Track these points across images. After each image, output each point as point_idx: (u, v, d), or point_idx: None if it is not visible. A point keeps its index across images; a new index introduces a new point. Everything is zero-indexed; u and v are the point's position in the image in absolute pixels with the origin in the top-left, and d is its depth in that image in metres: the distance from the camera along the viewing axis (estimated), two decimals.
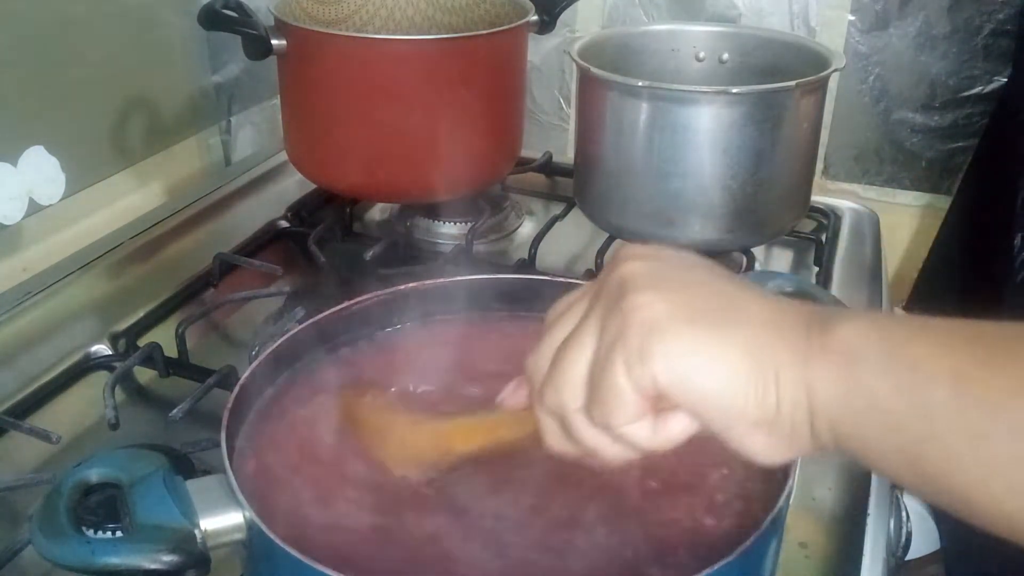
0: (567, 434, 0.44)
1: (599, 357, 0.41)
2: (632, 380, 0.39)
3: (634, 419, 0.40)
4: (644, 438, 0.41)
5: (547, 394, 0.43)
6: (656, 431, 0.41)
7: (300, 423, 0.60)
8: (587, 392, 0.41)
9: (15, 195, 0.86)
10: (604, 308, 0.42)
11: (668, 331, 0.39)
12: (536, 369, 0.45)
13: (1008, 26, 1.19)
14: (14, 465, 0.70)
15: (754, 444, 0.40)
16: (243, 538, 0.48)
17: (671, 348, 0.39)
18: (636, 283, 0.41)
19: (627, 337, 0.39)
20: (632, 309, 0.40)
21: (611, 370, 0.40)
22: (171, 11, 1.10)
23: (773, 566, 0.52)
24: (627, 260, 0.43)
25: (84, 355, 0.83)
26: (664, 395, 0.39)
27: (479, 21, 1.08)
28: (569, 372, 0.42)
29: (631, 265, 0.42)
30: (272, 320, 0.87)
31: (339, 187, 1.03)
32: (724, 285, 0.42)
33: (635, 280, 0.41)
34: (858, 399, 0.37)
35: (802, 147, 0.89)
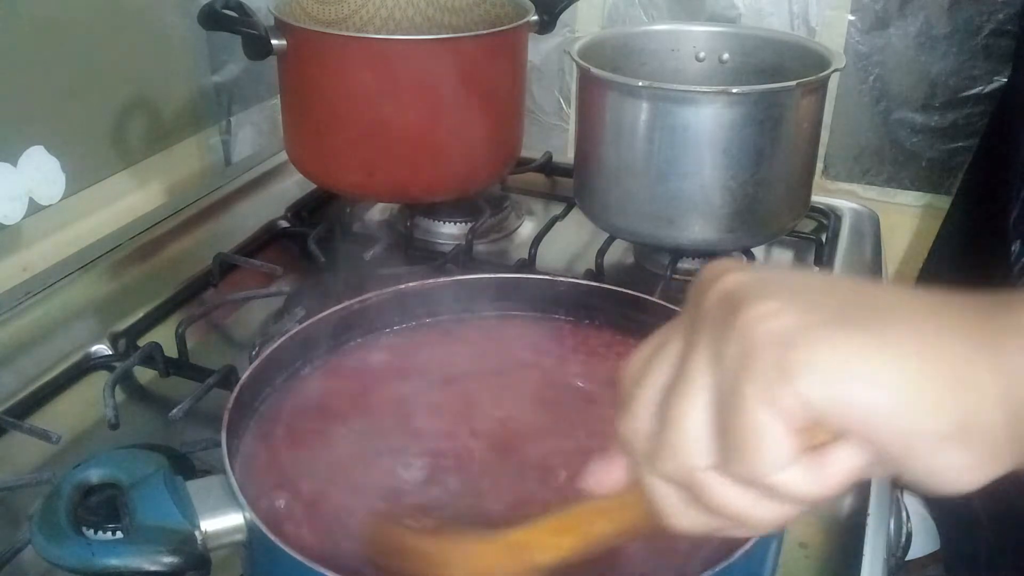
0: (697, 503, 0.35)
1: (723, 394, 0.32)
2: (775, 410, 0.31)
3: (788, 461, 0.32)
4: (806, 485, 0.32)
5: (661, 460, 0.35)
6: (820, 473, 0.32)
7: (300, 423, 0.60)
8: (716, 443, 0.33)
9: (15, 195, 0.86)
10: (710, 336, 0.33)
11: (808, 340, 0.31)
12: (635, 434, 0.36)
13: (1008, 26, 1.19)
14: (14, 465, 0.70)
15: (944, 464, 0.31)
16: (243, 539, 0.48)
17: (818, 358, 0.31)
18: (747, 293, 0.33)
19: (754, 359, 0.31)
20: (752, 323, 0.32)
21: (742, 404, 0.31)
22: (171, 11, 1.10)
23: (773, 566, 0.52)
24: (723, 275, 0.35)
25: (84, 355, 0.83)
26: (819, 420, 0.31)
27: (479, 21, 1.08)
28: (685, 425, 0.33)
29: (731, 278, 0.34)
30: (272, 320, 0.87)
31: (339, 187, 1.03)
32: (852, 283, 0.35)
33: (744, 291, 0.33)
34: None
35: (802, 147, 0.89)
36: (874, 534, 0.64)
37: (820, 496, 0.33)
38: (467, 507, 0.54)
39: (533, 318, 0.70)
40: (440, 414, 0.61)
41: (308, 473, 0.56)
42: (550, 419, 0.61)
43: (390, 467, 0.57)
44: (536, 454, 0.58)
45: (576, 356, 0.67)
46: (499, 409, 0.62)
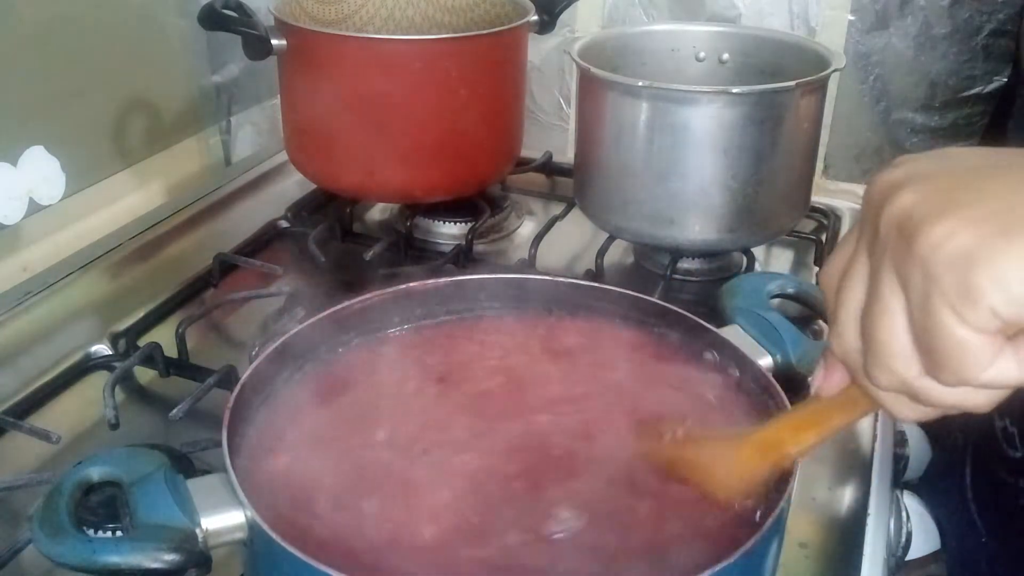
0: (920, 401, 0.38)
1: (918, 315, 0.35)
2: (970, 324, 0.34)
3: (991, 362, 0.35)
4: (1013, 375, 0.35)
5: (877, 375, 0.38)
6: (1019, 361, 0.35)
7: (301, 422, 0.60)
8: (922, 357, 0.36)
9: (15, 195, 0.86)
10: (895, 259, 0.36)
11: (986, 254, 0.33)
12: (847, 348, 0.40)
13: (1008, 26, 1.19)
14: (14, 465, 0.70)
15: None
16: (244, 537, 0.48)
17: (998, 272, 0.33)
18: (922, 214, 0.35)
19: (940, 281, 0.34)
20: (933, 247, 0.34)
21: (939, 323, 0.34)
22: (171, 11, 1.10)
23: (773, 566, 0.52)
24: (892, 194, 0.37)
25: (84, 355, 0.83)
26: (1014, 323, 0.34)
27: (479, 21, 1.08)
28: (891, 346, 0.37)
29: (902, 198, 0.36)
30: (272, 320, 0.87)
31: (339, 187, 1.03)
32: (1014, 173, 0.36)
33: (918, 212, 0.35)
34: None
35: (802, 147, 0.89)
36: (874, 534, 0.64)
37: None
38: (475, 501, 0.54)
39: (533, 318, 0.70)
40: (441, 413, 0.61)
41: (309, 472, 0.56)
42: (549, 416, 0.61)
43: (391, 466, 0.57)
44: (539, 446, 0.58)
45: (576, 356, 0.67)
46: (499, 407, 0.62)
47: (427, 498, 0.54)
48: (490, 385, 0.64)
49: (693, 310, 0.66)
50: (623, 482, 0.56)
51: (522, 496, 0.54)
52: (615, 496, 0.54)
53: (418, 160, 0.97)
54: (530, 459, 0.57)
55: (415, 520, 0.52)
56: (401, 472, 0.56)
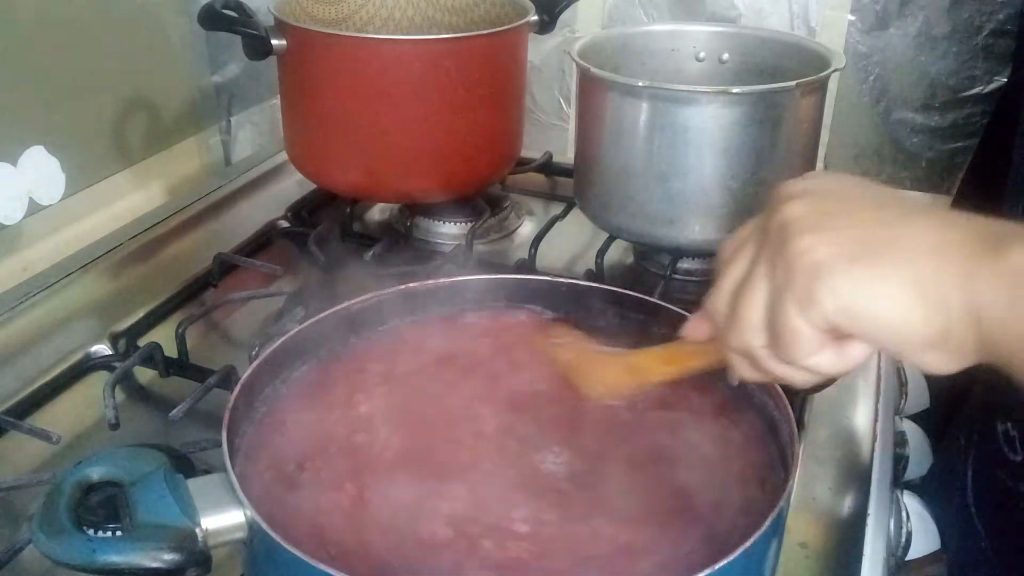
0: (756, 367, 0.47)
1: (773, 301, 0.44)
2: (806, 319, 0.42)
3: (815, 352, 0.43)
4: (828, 365, 0.44)
5: (731, 336, 0.46)
6: (839, 358, 0.44)
7: (301, 422, 0.60)
8: (767, 333, 0.44)
9: (15, 195, 0.86)
10: (770, 253, 0.44)
11: (832, 272, 0.41)
12: (717, 308, 0.48)
13: (1008, 26, 1.19)
14: (14, 465, 0.70)
15: (926, 361, 0.42)
16: (244, 537, 0.48)
17: (836, 289, 0.41)
18: (797, 226, 0.43)
19: (794, 282, 0.42)
20: (796, 255, 0.42)
21: (785, 313, 0.43)
22: (171, 11, 1.10)
23: (773, 566, 0.52)
24: (787, 201, 0.45)
25: (84, 355, 0.83)
26: (838, 328, 0.42)
27: (479, 21, 1.08)
28: (748, 316, 0.45)
29: (791, 208, 0.44)
30: (272, 320, 0.87)
31: (339, 187, 1.03)
32: (888, 213, 0.43)
33: (796, 223, 0.43)
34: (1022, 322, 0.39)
35: (802, 147, 0.89)
36: (874, 534, 0.64)
37: (840, 372, 0.45)
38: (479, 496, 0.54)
39: (533, 318, 0.70)
40: (440, 411, 0.61)
41: (309, 472, 0.56)
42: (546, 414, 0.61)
43: (391, 466, 0.57)
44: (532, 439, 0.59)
45: None
46: (498, 405, 0.62)
47: (429, 497, 0.54)
48: (490, 385, 0.64)
49: (693, 310, 0.66)
50: (624, 483, 0.56)
51: (523, 495, 0.54)
52: (615, 497, 0.55)
53: (418, 160, 0.97)
54: (530, 459, 0.57)
55: (417, 519, 0.52)
56: (402, 472, 0.56)
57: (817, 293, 0.41)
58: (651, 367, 0.56)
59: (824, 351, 0.44)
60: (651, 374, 0.56)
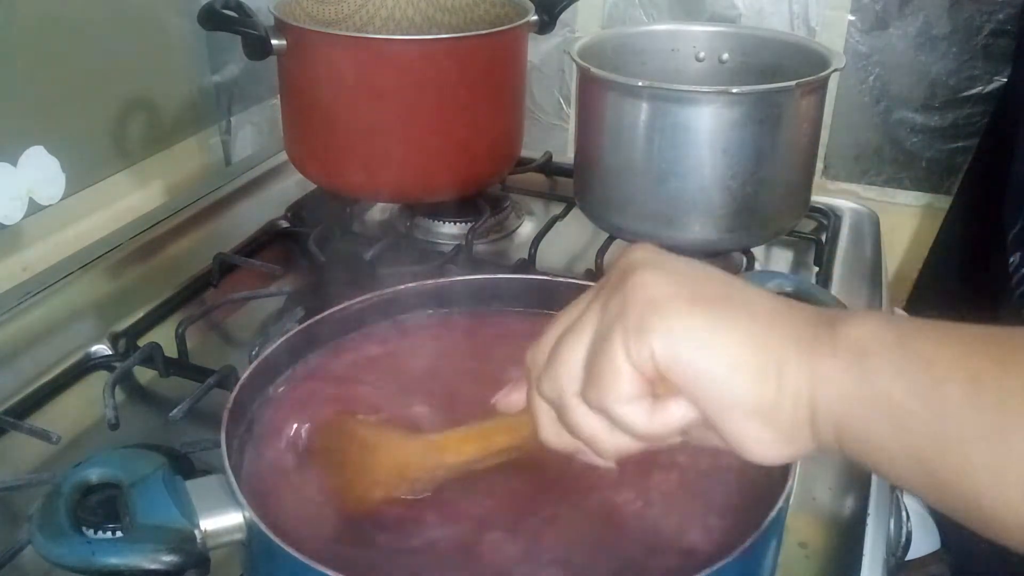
0: (563, 423, 0.43)
1: (598, 337, 0.40)
2: (629, 356, 0.39)
3: (630, 398, 0.40)
4: (640, 422, 0.40)
5: (544, 383, 0.43)
6: (653, 415, 0.40)
7: (300, 423, 0.60)
8: (585, 375, 0.41)
9: (15, 195, 0.86)
10: (606, 294, 0.41)
11: (669, 308, 0.39)
12: (534, 362, 0.44)
13: (1008, 26, 1.19)
14: (14, 465, 0.70)
15: (748, 435, 0.39)
16: (243, 538, 0.48)
17: (670, 324, 0.38)
18: (642, 266, 0.41)
19: (627, 314, 0.39)
20: (634, 287, 0.40)
21: (609, 346, 0.39)
22: (171, 11, 1.10)
23: (773, 566, 0.52)
24: (632, 251, 0.43)
25: (84, 355, 0.82)
26: (662, 374, 0.39)
27: (479, 21, 1.08)
28: (567, 357, 0.41)
29: (636, 254, 0.42)
30: (272, 320, 0.87)
31: (339, 187, 1.03)
32: (732, 280, 0.42)
33: (640, 264, 0.41)
34: (867, 397, 0.36)
35: (802, 147, 0.89)
36: (874, 534, 0.64)
37: (652, 435, 0.41)
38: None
39: (533, 318, 0.70)
40: (440, 411, 0.61)
41: (308, 472, 0.56)
42: None
43: None
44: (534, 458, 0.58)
45: None
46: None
47: (428, 498, 0.54)
48: (490, 385, 0.64)
49: None
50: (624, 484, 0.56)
51: (523, 495, 0.54)
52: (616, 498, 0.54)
53: (418, 160, 0.97)
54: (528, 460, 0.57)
55: (415, 520, 0.52)
56: None
57: (648, 326, 0.38)
58: (451, 447, 0.51)
59: (639, 402, 0.40)
60: (448, 454, 0.51)
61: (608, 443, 0.42)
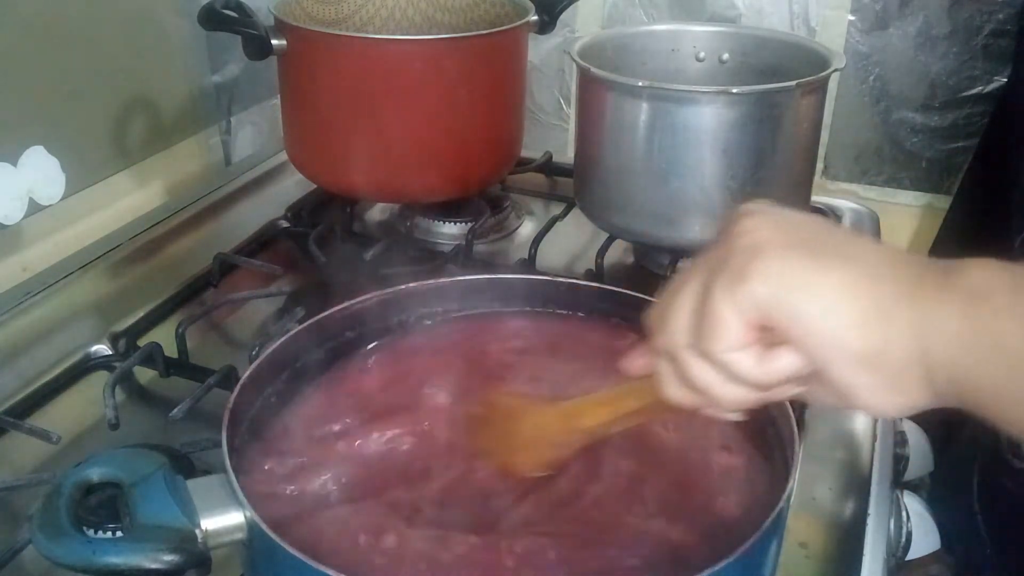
0: (681, 377, 0.43)
1: (704, 287, 0.41)
2: (733, 303, 0.39)
3: (736, 345, 0.40)
4: (748, 368, 0.40)
5: (658, 339, 0.43)
6: (761, 363, 0.40)
7: (300, 423, 0.60)
8: (694, 327, 0.41)
9: (15, 195, 0.86)
10: (715, 252, 0.42)
11: (769, 252, 0.39)
12: (651, 319, 0.45)
13: (1008, 26, 1.19)
14: (14, 465, 0.70)
15: (857, 383, 0.38)
16: (244, 538, 0.48)
17: (771, 269, 0.38)
18: (745, 215, 0.41)
19: (729, 261, 0.40)
20: (737, 235, 0.40)
21: (712, 295, 0.40)
22: (171, 11, 1.10)
23: (773, 566, 0.52)
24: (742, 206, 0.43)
25: (84, 355, 0.83)
26: (766, 320, 0.38)
27: (479, 21, 1.08)
28: (678, 311, 0.42)
29: (744, 207, 0.43)
30: (272, 320, 0.87)
31: (339, 187, 1.03)
32: (837, 228, 0.42)
33: (746, 216, 0.41)
34: (984, 342, 0.35)
35: (802, 147, 0.89)
36: (874, 534, 0.64)
37: (762, 383, 0.41)
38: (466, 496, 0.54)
39: (533, 318, 0.70)
40: (442, 413, 0.61)
41: (309, 472, 0.56)
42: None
43: (391, 464, 0.57)
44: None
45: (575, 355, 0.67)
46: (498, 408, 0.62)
47: (428, 497, 0.54)
48: (489, 385, 0.64)
49: None
50: (625, 484, 0.56)
51: (523, 496, 0.54)
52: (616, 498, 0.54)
53: (418, 160, 0.97)
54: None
55: (416, 520, 0.52)
56: (401, 472, 0.56)
57: (749, 272, 0.38)
58: (586, 412, 0.53)
59: (746, 350, 0.40)
60: (587, 419, 0.53)
61: (723, 394, 0.42)
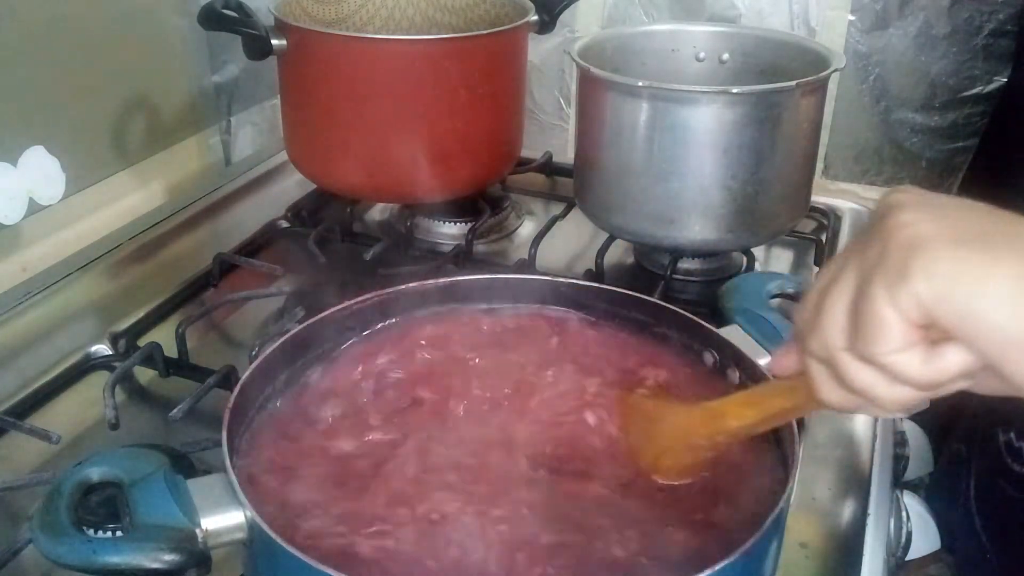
0: (838, 380, 0.41)
1: (860, 286, 0.38)
2: (894, 303, 0.37)
3: (900, 346, 0.37)
4: (915, 369, 0.38)
5: (811, 340, 0.41)
6: (928, 363, 0.38)
7: (301, 422, 0.60)
8: (851, 328, 0.39)
9: (15, 195, 0.86)
10: (867, 243, 0.39)
11: (931, 248, 0.36)
12: (803, 319, 0.42)
13: (1008, 26, 1.19)
14: (14, 465, 0.70)
15: None
16: (244, 537, 0.48)
17: (935, 265, 0.36)
18: (899, 206, 0.39)
19: (887, 258, 0.37)
20: (892, 229, 0.38)
21: (871, 295, 0.37)
22: (171, 11, 1.10)
23: (773, 566, 0.52)
24: (890, 193, 0.40)
25: (84, 355, 0.82)
26: (931, 318, 0.36)
27: (479, 21, 1.08)
28: (831, 311, 0.40)
29: (893, 196, 0.40)
30: (272, 320, 0.87)
31: (339, 187, 1.03)
32: (999, 213, 0.39)
33: (897, 205, 0.39)
34: None
35: (802, 147, 0.89)
36: (874, 534, 0.64)
37: (930, 383, 0.38)
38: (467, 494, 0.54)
39: (533, 318, 0.70)
40: (439, 411, 0.61)
41: (309, 472, 0.56)
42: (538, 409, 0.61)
43: (391, 464, 0.57)
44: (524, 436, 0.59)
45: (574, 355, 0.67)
46: (499, 403, 0.62)
47: (428, 497, 0.54)
48: (489, 385, 0.64)
49: (693, 310, 0.66)
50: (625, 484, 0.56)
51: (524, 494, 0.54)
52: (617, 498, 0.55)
53: (418, 160, 0.97)
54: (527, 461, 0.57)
55: (415, 520, 0.52)
56: (401, 472, 0.56)
57: (911, 269, 0.36)
58: (732, 412, 0.51)
59: (911, 349, 0.37)
60: (732, 420, 0.51)
61: (887, 395, 0.40)
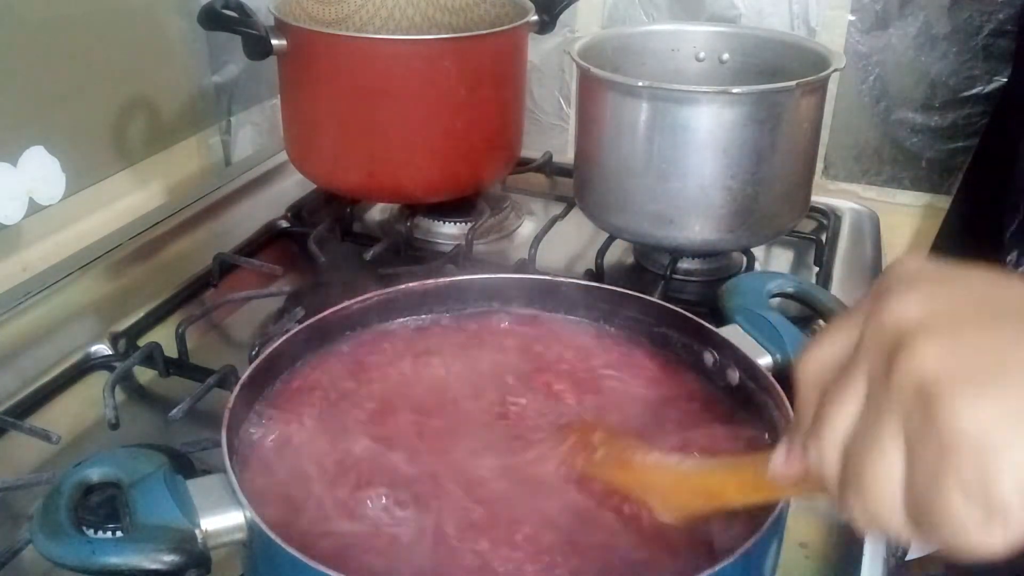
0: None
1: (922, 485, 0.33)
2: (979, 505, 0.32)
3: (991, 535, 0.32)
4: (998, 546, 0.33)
5: (855, 510, 0.36)
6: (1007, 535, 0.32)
7: (300, 422, 0.60)
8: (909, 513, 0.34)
9: (15, 195, 0.86)
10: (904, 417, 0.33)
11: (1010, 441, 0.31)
12: (826, 467, 0.37)
13: (1008, 26, 1.19)
14: (14, 465, 0.70)
15: None
16: (244, 538, 0.48)
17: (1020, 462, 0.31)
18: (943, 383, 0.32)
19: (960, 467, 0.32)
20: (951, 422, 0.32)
21: (946, 500, 0.32)
22: (171, 11, 1.10)
23: (773, 566, 0.52)
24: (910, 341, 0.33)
25: (84, 355, 0.82)
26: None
27: (479, 21, 1.08)
28: (880, 493, 0.34)
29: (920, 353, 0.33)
30: (272, 320, 0.87)
31: (339, 187, 1.03)
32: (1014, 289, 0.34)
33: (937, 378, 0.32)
34: None
35: (802, 147, 0.89)
36: (874, 534, 0.64)
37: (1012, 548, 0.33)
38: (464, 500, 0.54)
39: (533, 318, 0.70)
40: (439, 411, 0.61)
41: (309, 472, 0.56)
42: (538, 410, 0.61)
43: (391, 463, 0.57)
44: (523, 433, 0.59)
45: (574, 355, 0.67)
46: (497, 407, 0.62)
47: (427, 497, 0.54)
48: (489, 384, 0.64)
49: (693, 310, 0.66)
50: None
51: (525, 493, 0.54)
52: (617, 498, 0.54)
53: (418, 160, 0.97)
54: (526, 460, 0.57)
55: (415, 520, 0.52)
56: (401, 471, 0.56)
57: (992, 475, 0.31)
58: (728, 493, 0.47)
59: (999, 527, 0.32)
60: (729, 500, 0.48)
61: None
